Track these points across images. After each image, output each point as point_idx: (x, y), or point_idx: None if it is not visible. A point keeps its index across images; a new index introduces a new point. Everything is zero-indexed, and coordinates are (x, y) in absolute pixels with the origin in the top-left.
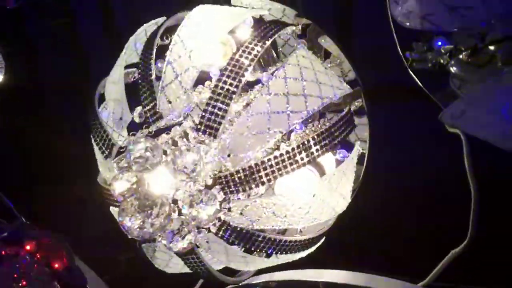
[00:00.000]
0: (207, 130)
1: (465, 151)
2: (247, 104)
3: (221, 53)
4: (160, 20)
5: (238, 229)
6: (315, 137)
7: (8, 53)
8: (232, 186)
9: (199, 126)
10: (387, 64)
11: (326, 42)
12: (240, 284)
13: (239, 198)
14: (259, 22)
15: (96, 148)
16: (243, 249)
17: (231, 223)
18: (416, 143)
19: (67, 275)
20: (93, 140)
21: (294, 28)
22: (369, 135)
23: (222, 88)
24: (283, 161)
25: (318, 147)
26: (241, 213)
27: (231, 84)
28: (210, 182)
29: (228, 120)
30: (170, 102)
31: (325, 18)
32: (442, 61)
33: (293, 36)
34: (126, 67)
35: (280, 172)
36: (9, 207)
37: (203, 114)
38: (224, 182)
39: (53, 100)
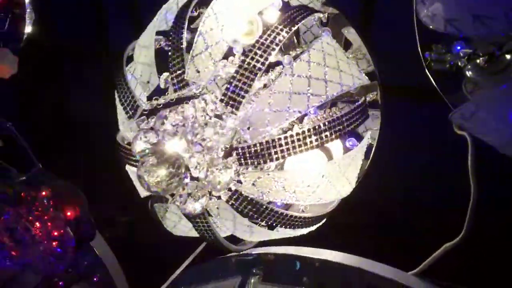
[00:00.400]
0: (230, 102)
1: (469, 152)
2: (265, 85)
3: (247, 31)
4: None
5: (249, 198)
6: (326, 123)
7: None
8: (248, 158)
9: (222, 98)
10: (404, 61)
11: (349, 33)
12: (241, 252)
13: (252, 170)
14: (286, 5)
15: (119, 107)
16: (250, 218)
17: (242, 192)
18: (423, 141)
19: (78, 224)
20: (117, 100)
21: (321, 15)
22: (379, 128)
23: (248, 64)
24: (298, 140)
25: (328, 132)
26: (253, 184)
27: (257, 61)
28: (222, 153)
29: (250, 95)
30: (198, 72)
31: (348, 9)
32: (459, 63)
33: (317, 23)
34: (157, 33)
35: (294, 151)
36: (29, 155)
37: (228, 86)
38: (240, 153)
39: (72, 61)
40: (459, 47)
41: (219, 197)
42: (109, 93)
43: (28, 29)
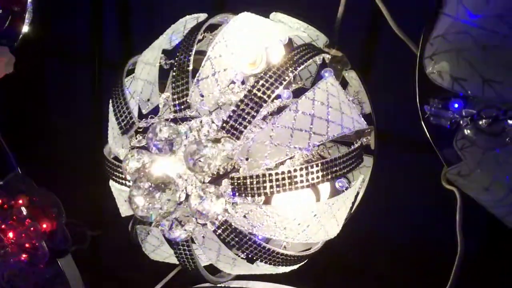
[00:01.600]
0: (231, 131)
1: (458, 207)
2: (264, 117)
3: (251, 61)
4: (201, 15)
5: (237, 231)
6: (324, 163)
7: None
8: (242, 189)
9: (224, 125)
10: (398, 109)
11: (349, 75)
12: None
13: (245, 202)
14: (290, 42)
15: (113, 120)
16: (235, 250)
17: (232, 224)
18: (411, 190)
19: (53, 238)
20: (111, 112)
21: (327, 56)
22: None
23: (255, 94)
24: (294, 177)
25: (324, 173)
26: (244, 216)
27: (264, 93)
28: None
29: (251, 126)
30: (202, 96)
31: (346, 51)
32: (461, 122)
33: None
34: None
35: (290, 187)
36: (9, 158)
37: (231, 114)
38: (235, 184)
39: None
40: (456, 105)
41: (204, 225)
42: (97, 103)
43: (25, 28)
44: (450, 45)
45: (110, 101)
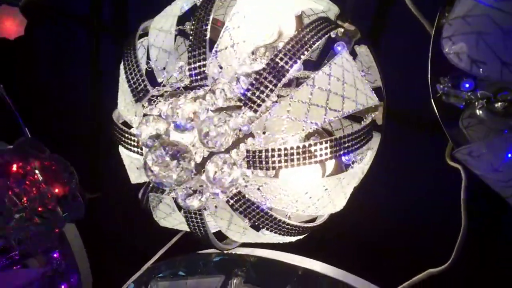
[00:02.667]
0: (249, 103)
1: (463, 184)
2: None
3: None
4: None
5: (250, 202)
6: (338, 138)
7: None
8: (257, 162)
9: (242, 98)
10: (407, 86)
11: (360, 49)
12: (227, 252)
13: (259, 175)
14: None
15: (124, 85)
16: (248, 221)
17: (245, 195)
18: (417, 166)
19: (66, 202)
20: (123, 78)
21: (341, 30)
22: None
23: (274, 67)
24: (309, 151)
25: (338, 148)
26: (258, 189)
27: (283, 67)
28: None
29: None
30: (221, 68)
31: (357, 25)
32: (477, 104)
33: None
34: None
35: (304, 161)
36: (18, 121)
37: (249, 87)
38: (250, 156)
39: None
40: (467, 85)
41: (217, 195)
42: (101, 69)
43: None
44: (470, 27)
45: (122, 66)
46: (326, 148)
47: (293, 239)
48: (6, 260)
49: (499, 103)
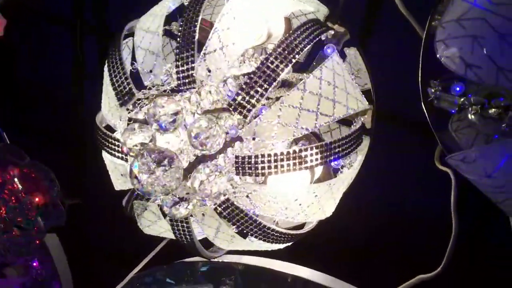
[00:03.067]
0: (239, 108)
1: (453, 188)
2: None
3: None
4: None
5: (238, 210)
6: (328, 143)
7: None
8: (247, 168)
9: (231, 103)
10: (396, 88)
11: (349, 51)
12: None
13: (248, 181)
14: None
15: (110, 90)
16: (236, 228)
17: (234, 202)
18: (407, 172)
19: (47, 211)
20: (108, 81)
21: (331, 32)
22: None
23: (265, 71)
24: (299, 157)
25: (328, 153)
26: (247, 196)
27: (274, 70)
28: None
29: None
30: (209, 71)
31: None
32: (470, 110)
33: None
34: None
35: (294, 167)
36: None
37: (239, 92)
38: (239, 162)
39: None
40: (458, 88)
41: (205, 204)
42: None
43: None
44: (465, 31)
45: (106, 68)
46: (316, 153)
47: (281, 246)
48: None
49: (493, 109)
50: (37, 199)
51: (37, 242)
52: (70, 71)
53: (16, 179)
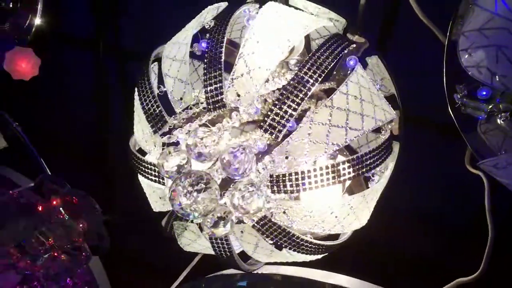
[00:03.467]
0: (269, 130)
1: (486, 191)
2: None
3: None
4: (222, 5)
5: (276, 225)
6: (360, 156)
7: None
8: (282, 186)
9: (262, 124)
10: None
11: (373, 61)
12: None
13: (284, 198)
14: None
15: (142, 118)
16: (275, 244)
17: (271, 219)
18: (438, 176)
19: (91, 236)
20: (139, 108)
21: (354, 45)
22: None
23: (291, 92)
24: (332, 172)
25: (361, 165)
26: (284, 212)
27: (301, 90)
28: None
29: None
30: (238, 96)
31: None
32: (499, 116)
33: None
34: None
35: (328, 182)
36: (36, 158)
37: (269, 113)
38: (274, 181)
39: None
40: (484, 93)
41: (243, 221)
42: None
43: (37, 20)
44: (488, 40)
45: (137, 96)
46: (349, 167)
47: (319, 256)
48: None
49: None
50: (81, 225)
51: (84, 265)
52: (91, 93)
53: (61, 209)
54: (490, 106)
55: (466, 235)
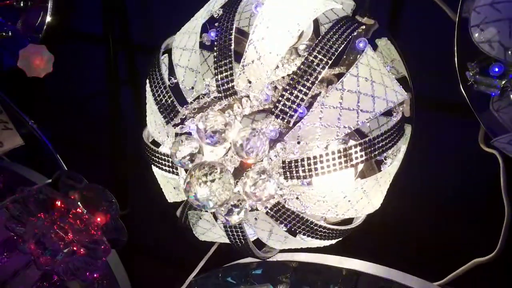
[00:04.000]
0: (281, 115)
1: (501, 171)
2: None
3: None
4: None
5: (290, 211)
6: (372, 139)
7: None
8: (294, 172)
9: (273, 110)
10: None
11: (382, 43)
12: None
13: (297, 184)
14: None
15: (154, 109)
16: (289, 230)
17: (285, 205)
18: (452, 156)
19: (109, 230)
20: (152, 100)
21: (363, 27)
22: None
23: (302, 76)
24: (344, 156)
25: (373, 148)
26: (297, 198)
27: (311, 74)
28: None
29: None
30: (250, 82)
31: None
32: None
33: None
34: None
35: (340, 166)
36: (53, 155)
37: (280, 99)
38: (287, 167)
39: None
40: (496, 69)
41: (257, 208)
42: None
43: (48, 18)
44: (500, 15)
45: (148, 87)
46: (361, 150)
47: (333, 242)
48: (48, 285)
49: None
50: (99, 219)
51: (103, 259)
52: (104, 87)
53: (79, 203)
54: (503, 82)
55: (482, 215)
